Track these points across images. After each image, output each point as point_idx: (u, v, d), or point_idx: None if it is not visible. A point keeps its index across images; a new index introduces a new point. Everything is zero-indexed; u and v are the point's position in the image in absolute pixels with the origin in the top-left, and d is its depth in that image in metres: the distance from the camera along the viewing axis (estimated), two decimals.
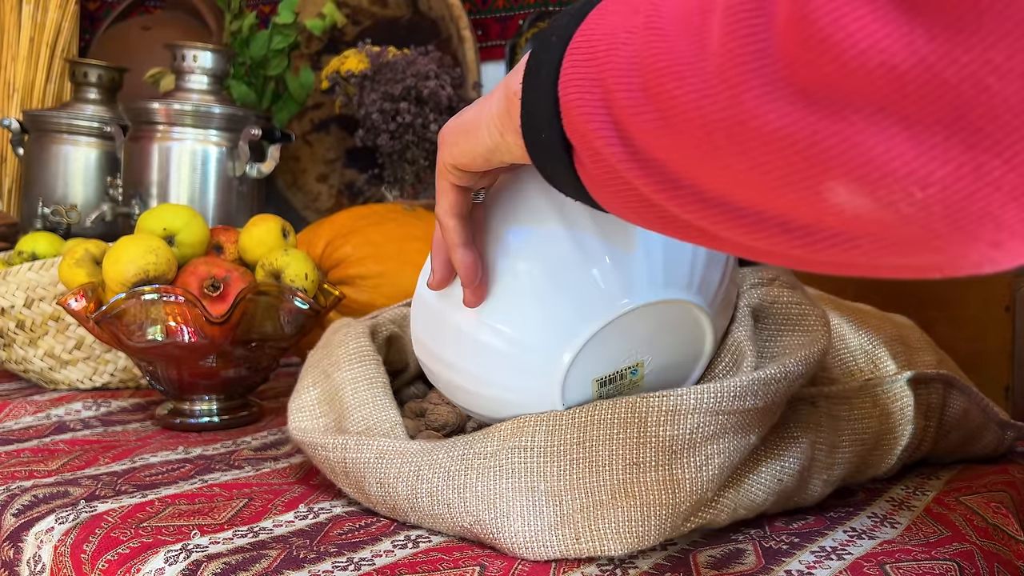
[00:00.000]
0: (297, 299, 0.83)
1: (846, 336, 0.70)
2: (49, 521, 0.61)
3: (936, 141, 0.24)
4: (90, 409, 0.91)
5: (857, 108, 0.24)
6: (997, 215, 0.24)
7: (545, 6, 1.46)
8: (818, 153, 0.26)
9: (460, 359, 0.57)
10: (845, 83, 0.24)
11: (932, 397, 0.68)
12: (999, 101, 0.22)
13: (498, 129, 0.45)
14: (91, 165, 1.48)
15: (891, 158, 0.24)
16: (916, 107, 0.23)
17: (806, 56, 0.25)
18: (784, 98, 0.26)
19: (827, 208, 0.27)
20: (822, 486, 0.61)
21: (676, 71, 0.30)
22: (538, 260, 0.53)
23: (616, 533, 0.52)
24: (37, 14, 1.65)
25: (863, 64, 0.23)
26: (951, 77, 0.23)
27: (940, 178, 0.24)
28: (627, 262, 0.53)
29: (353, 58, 1.39)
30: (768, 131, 0.27)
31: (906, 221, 0.26)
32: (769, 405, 0.54)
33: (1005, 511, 0.63)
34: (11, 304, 0.97)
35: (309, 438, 0.63)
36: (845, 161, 0.25)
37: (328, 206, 1.62)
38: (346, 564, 0.54)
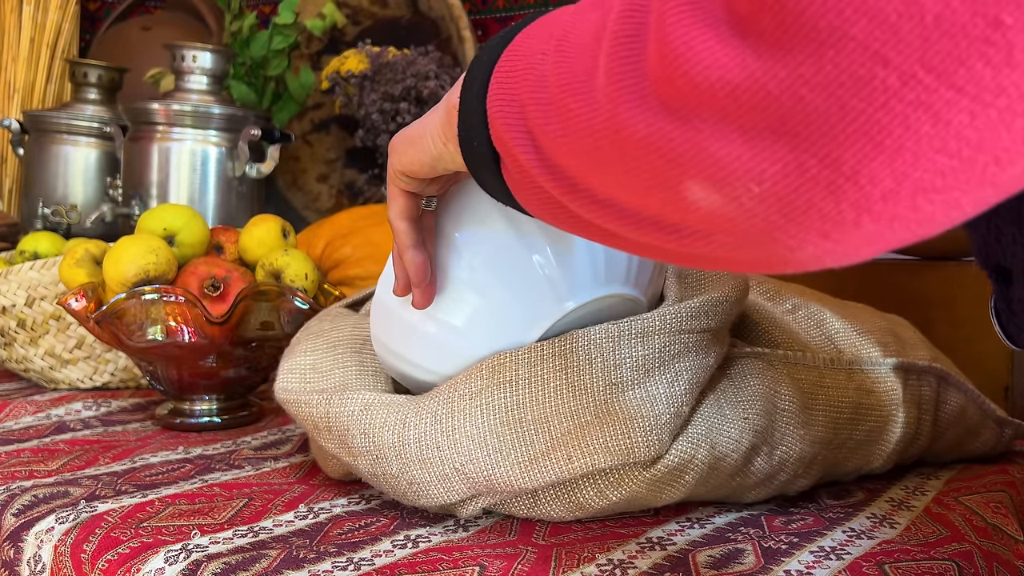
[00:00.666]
0: (297, 299, 0.83)
1: (826, 321, 0.71)
2: (49, 521, 0.61)
3: (766, 144, 0.28)
4: (90, 409, 0.91)
5: (703, 117, 0.29)
6: (820, 206, 0.28)
7: (545, 6, 1.46)
8: (675, 157, 0.30)
9: (418, 355, 0.61)
10: (693, 96, 0.28)
11: (925, 389, 0.68)
12: (811, 109, 0.26)
13: (440, 139, 0.50)
14: (91, 165, 1.48)
15: (732, 159, 0.29)
16: (748, 115, 0.28)
17: (665, 73, 0.29)
18: (650, 110, 0.31)
19: (687, 206, 0.31)
20: (801, 442, 0.62)
21: (573, 88, 0.35)
22: (488, 261, 0.57)
23: (605, 448, 0.55)
24: (37, 15, 1.65)
25: (706, 79, 0.28)
26: (773, 89, 0.27)
27: (771, 175, 0.28)
28: (571, 262, 0.57)
29: (353, 58, 1.39)
30: (637, 139, 0.31)
31: (749, 214, 0.30)
32: (719, 327, 0.60)
33: (1004, 511, 0.63)
34: (12, 303, 0.97)
35: (293, 396, 0.64)
36: (696, 163, 0.29)
37: (328, 206, 1.62)
38: (346, 564, 0.54)
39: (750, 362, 0.63)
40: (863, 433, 0.66)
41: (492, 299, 0.58)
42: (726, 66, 0.27)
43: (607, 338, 0.57)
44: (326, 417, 0.61)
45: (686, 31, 0.28)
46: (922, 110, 0.25)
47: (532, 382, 0.57)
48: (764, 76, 0.27)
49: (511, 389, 0.57)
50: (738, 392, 0.61)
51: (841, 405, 0.65)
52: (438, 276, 0.58)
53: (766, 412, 0.61)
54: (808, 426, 0.63)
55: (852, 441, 0.65)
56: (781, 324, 0.69)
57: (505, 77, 0.42)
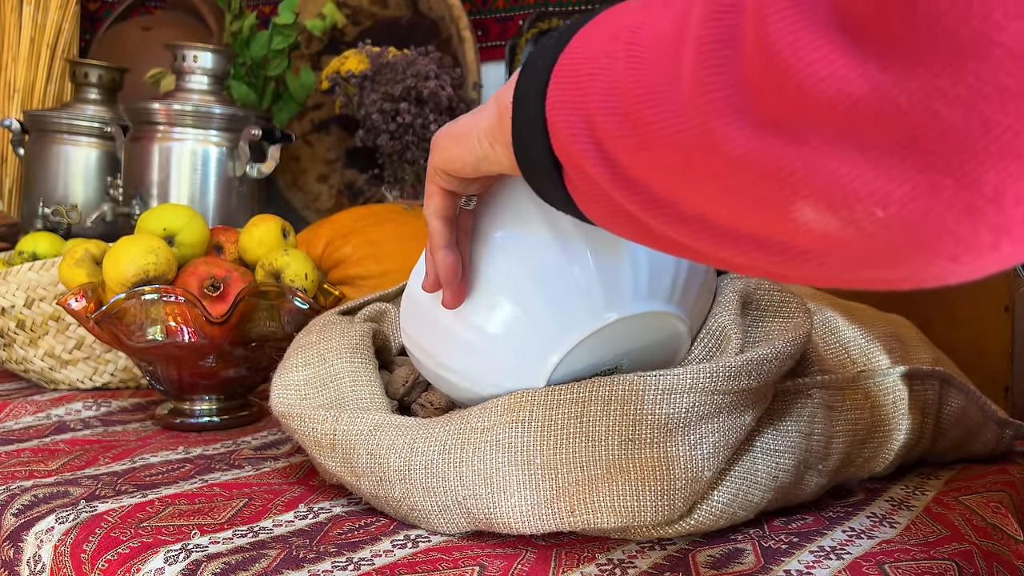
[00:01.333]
0: (297, 299, 0.83)
1: (840, 329, 0.71)
2: (49, 521, 0.61)
3: (893, 163, 0.25)
4: (90, 409, 0.91)
5: (818, 133, 0.26)
6: (953, 230, 0.26)
7: (545, 6, 1.46)
8: (784, 176, 0.27)
9: (447, 357, 0.59)
10: (806, 110, 0.26)
11: (928, 394, 0.68)
12: (948, 125, 0.24)
13: (488, 140, 0.47)
14: (91, 165, 1.48)
15: (852, 179, 0.26)
16: (873, 132, 0.25)
17: (770, 85, 0.27)
18: (751, 125, 0.28)
19: (796, 227, 0.29)
20: (817, 477, 0.62)
21: (652, 99, 0.32)
22: (527, 266, 0.55)
23: (610, 508, 0.53)
24: (38, 15, 1.65)
25: (822, 92, 0.25)
26: (903, 103, 0.24)
27: (898, 198, 0.26)
28: (613, 273, 0.55)
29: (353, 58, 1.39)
30: (737, 156, 0.28)
31: (870, 239, 0.27)
32: (762, 386, 0.56)
33: (1004, 511, 0.63)
34: (11, 304, 0.97)
35: (296, 411, 0.63)
36: (810, 183, 0.27)
37: (328, 206, 1.62)
38: (346, 564, 0.54)
39: (790, 397, 0.60)
40: (872, 449, 0.66)
41: (528, 307, 0.55)
42: (846, 77, 0.25)
43: (629, 390, 0.54)
44: (332, 435, 0.60)
45: (794, 36, 0.26)
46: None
47: (545, 425, 0.54)
48: (892, 89, 0.24)
49: (523, 429, 0.55)
50: (775, 440, 0.58)
51: (858, 427, 0.64)
52: (473, 278, 0.56)
53: (796, 465, 0.59)
54: (828, 457, 0.62)
55: (861, 458, 0.65)
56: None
57: (567, 83, 0.39)
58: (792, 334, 0.59)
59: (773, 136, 0.27)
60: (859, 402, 0.64)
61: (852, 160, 0.26)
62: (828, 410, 0.62)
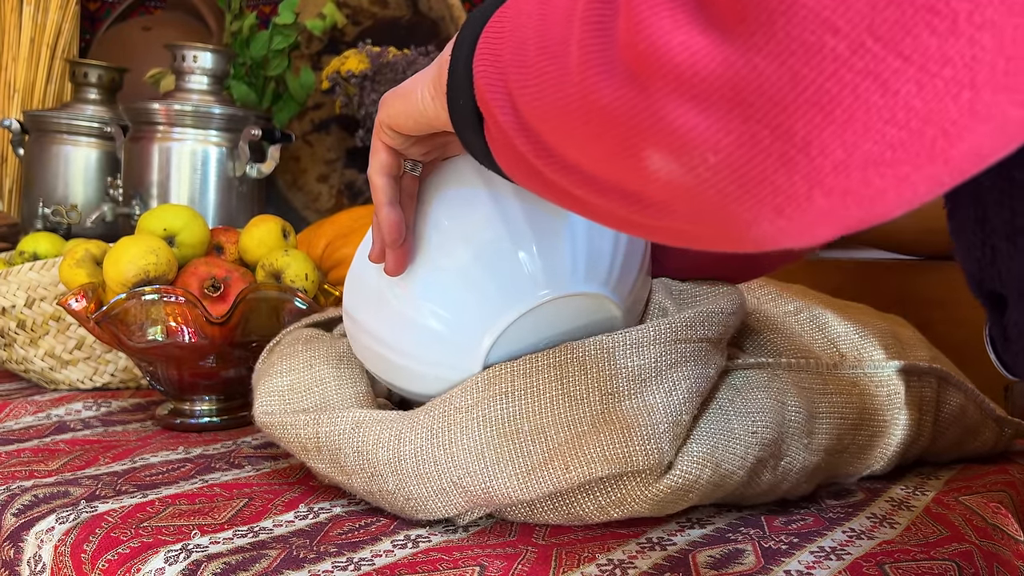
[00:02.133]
0: (297, 299, 0.83)
1: (829, 324, 0.71)
2: (49, 521, 0.61)
3: (721, 114, 0.28)
4: (90, 409, 0.91)
5: (663, 85, 0.29)
6: (772, 179, 0.28)
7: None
8: (636, 124, 0.30)
9: (387, 332, 0.60)
10: (654, 63, 0.29)
11: (925, 391, 0.68)
12: (764, 78, 0.26)
13: (430, 94, 0.49)
14: (91, 165, 1.48)
15: (689, 128, 0.29)
16: (706, 84, 0.28)
17: (630, 40, 0.30)
18: (616, 77, 0.31)
19: (648, 175, 0.31)
20: (805, 453, 0.62)
21: (550, 51, 0.36)
22: (468, 240, 0.57)
23: (603, 457, 0.54)
24: (37, 15, 1.65)
25: (666, 45, 0.28)
26: (729, 57, 0.27)
27: (726, 146, 0.28)
28: (552, 252, 0.57)
29: (353, 58, 1.39)
30: (602, 105, 0.32)
31: (705, 184, 0.30)
32: (717, 337, 0.59)
33: (1005, 511, 0.63)
34: (12, 304, 0.97)
35: (277, 419, 0.63)
36: (656, 131, 0.30)
37: (328, 206, 1.62)
38: (346, 564, 0.54)
39: (755, 374, 0.62)
40: (865, 438, 0.66)
41: (468, 281, 0.57)
42: (688, 34, 0.28)
43: (601, 349, 0.56)
44: (315, 437, 0.60)
45: (651, 4, 0.29)
46: (871, 79, 0.25)
47: (528, 393, 0.56)
48: (721, 45, 0.27)
49: (507, 401, 0.56)
50: (746, 404, 0.60)
51: (845, 411, 0.64)
52: (415, 250, 0.58)
53: (774, 425, 0.60)
54: (813, 435, 0.62)
55: (855, 446, 0.65)
56: (784, 330, 0.69)
57: (492, 37, 0.42)
58: (730, 296, 0.63)
59: (629, 88, 0.30)
60: (845, 387, 0.65)
61: (689, 111, 0.28)
62: (801, 390, 0.63)
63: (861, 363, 0.67)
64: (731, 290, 0.64)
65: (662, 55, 0.28)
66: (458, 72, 0.45)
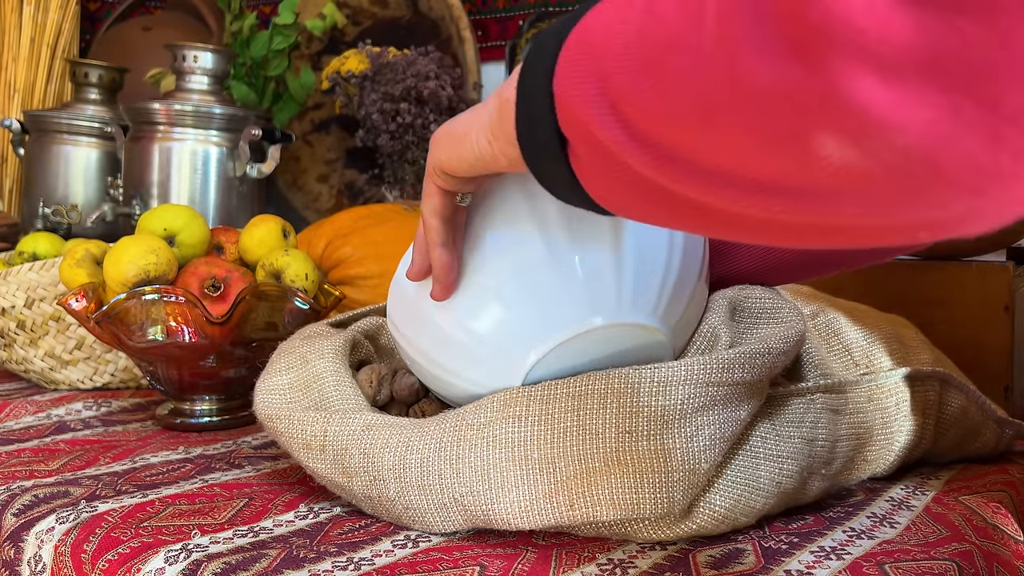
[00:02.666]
0: (297, 299, 0.83)
1: (843, 331, 0.70)
2: (50, 521, 0.61)
3: (914, 86, 0.24)
4: (90, 409, 0.91)
5: (840, 59, 0.25)
6: (975, 156, 0.25)
7: (545, 6, 1.46)
8: (804, 105, 0.27)
9: (430, 348, 0.60)
10: (828, 33, 0.25)
11: (929, 395, 0.68)
12: (968, 43, 0.23)
13: (487, 137, 0.47)
14: (92, 165, 1.48)
15: (872, 105, 0.25)
16: (894, 54, 0.24)
17: (794, 9, 0.26)
18: (774, 54, 0.27)
19: (817, 162, 0.28)
20: (820, 481, 0.62)
21: (674, 43, 0.31)
22: (515, 265, 0.56)
23: (610, 500, 0.53)
24: (38, 15, 1.65)
25: (845, 10, 0.24)
26: (926, 22, 0.23)
27: (918, 123, 0.25)
28: (599, 280, 0.55)
29: (353, 58, 1.39)
30: (760, 88, 0.28)
31: (890, 169, 0.26)
32: (755, 380, 0.56)
33: (1004, 511, 0.63)
34: (12, 304, 0.97)
35: (284, 413, 0.63)
36: (829, 111, 0.26)
37: (328, 206, 1.62)
38: (346, 564, 0.54)
39: (794, 403, 0.60)
40: (874, 452, 0.66)
41: (512, 306, 0.56)
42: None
43: (625, 384, 0.54)
44: (323, 435, 0.60)
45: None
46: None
47: (542, 420, 0.54)
48: (913, 6, 0.23)
49: (520, 424, 0.54)
50: (777, 446, 0.58)
51: (861, 431, 0.64)
52: (461, 273, 0.56)
53: (799, 471, 0.58)
54: (832, 463, 0.62)
55: (863, 460, 0.65)
56: (811, 339, 0.67)
57: (578, 55, 0.38)
58: (785, 333, 0.59)
59: (794, 64, 0.26)
60: (862, 405, 0.64)
61: (872, 86, 0.25)
62: (832, 414, 0.62)
63: (873, 373, 0.66)
64: (794, 319, 0.61)
65: (841, 22, 0.24)
66: (532, 103, 0.42)
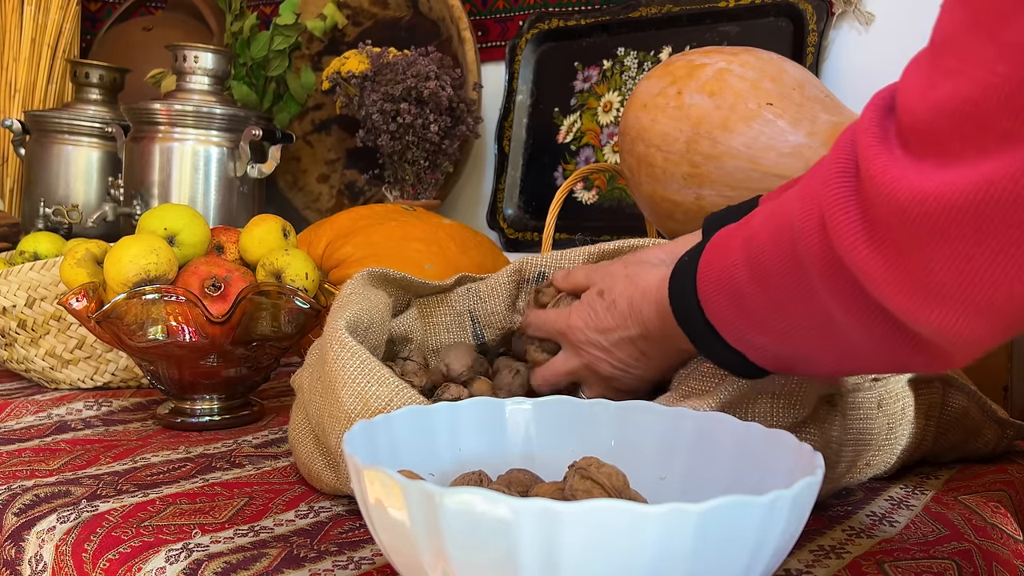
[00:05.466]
0: (298, 299, 0.83)
1: None
2: (51, 520, 0.61)
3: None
4: (91, 408, 0.91)
5: (943, 353, 0.40)
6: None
7: (545, 6, 1.46)
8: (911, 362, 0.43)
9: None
10: (939, 343, 0.38)
11: (932, 396, 0.68)
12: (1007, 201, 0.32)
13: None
14: (92, 165, 1.48)
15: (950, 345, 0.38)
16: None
17: (913, 322, 0.37)
18: (896, 341, 0.41)
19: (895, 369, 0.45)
20: (828, 483, 0.61)
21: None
22: None
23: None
24: (38, 15, 1.66)
25: (956, 336, 0.37)
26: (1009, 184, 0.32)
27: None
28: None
29: (354, 59, 1.39)
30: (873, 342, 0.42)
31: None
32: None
33: (1004, 511, 0.63)
34: (13, 304, 0.97)
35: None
36: (926, 365, 0.42)
37: (329, 206, 1.62)
38: (346, 563, 0.54)
39: (817, 407, 0.60)
40: (878, 456, 0.66)
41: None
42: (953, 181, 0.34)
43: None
44: (363, 396, 0.58)
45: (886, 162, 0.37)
46: None
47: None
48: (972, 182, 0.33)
49: None
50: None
51: (867, 435, 0.64)
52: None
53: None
54: (837, 465, 0.62)
55: (867, 464, 0.65)
56: None
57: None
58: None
59: (907, 344, 0.39)
60: (871, 411, 0.64)
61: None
62: (843, 418, 0.62)
63: (885, 379, 0.66)
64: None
65: (953, 344, 0.37)
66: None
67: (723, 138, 0.88)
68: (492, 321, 0.77)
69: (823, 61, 1.18)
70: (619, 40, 1.37)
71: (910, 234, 0.34)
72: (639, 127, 0.94)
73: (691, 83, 0.91)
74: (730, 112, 0.88)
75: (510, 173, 1.46)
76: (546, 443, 0.54)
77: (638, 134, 0.94)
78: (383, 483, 0.39)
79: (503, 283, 0.76)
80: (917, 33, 0.94)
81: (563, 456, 0.51)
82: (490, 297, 0.77)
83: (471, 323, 0.77)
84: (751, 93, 0.88)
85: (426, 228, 1.13)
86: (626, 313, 0.61)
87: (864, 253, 0.37)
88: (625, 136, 0.97)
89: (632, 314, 0.61)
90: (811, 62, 1.15)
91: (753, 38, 1.21)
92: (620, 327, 0.61)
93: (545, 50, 1.45)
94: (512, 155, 1.46)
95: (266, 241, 0.88)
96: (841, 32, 1.19)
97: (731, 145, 0.87)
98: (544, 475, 0.51)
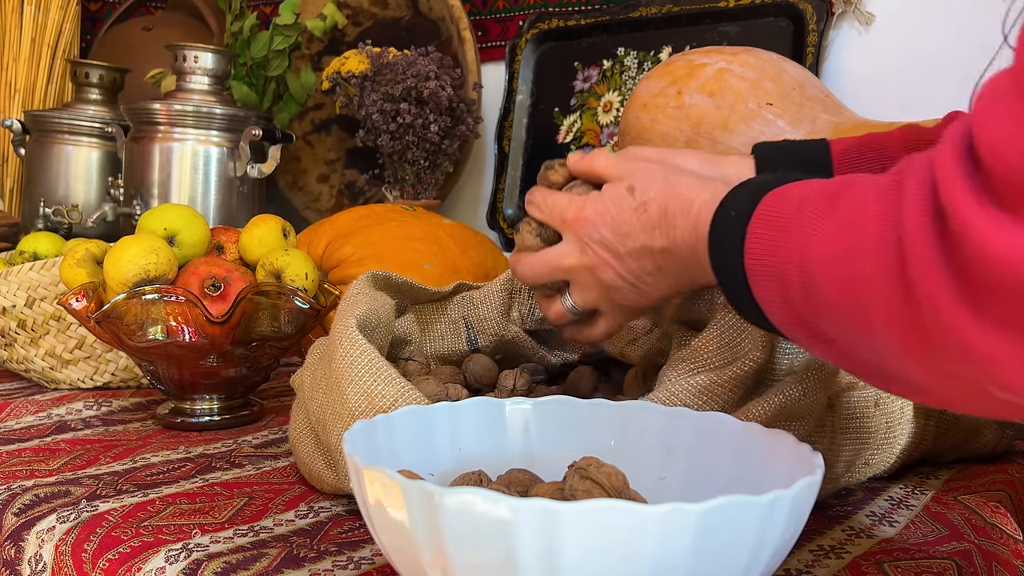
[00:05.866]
0: (297, 299, 0.83)
1: None
2: (50, 520, 0.61)
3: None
4: (91, 408, 0.91)
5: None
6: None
7: (545, 6, 1.46)
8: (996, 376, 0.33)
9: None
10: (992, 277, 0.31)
11: None
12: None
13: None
14: (92, 165, 1.48)
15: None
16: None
17: (965, 258, 0.32)
18: (989, 326, 0.33)
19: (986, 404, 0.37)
20: (827, 484, 0.62)
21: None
22: None
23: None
24: (38, 15, 1.66)
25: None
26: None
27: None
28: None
29: (354, 59, 1.39)
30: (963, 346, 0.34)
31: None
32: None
33: (1003, 511, 0.63)
34: (12, 304, 0.97)
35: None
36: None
37: (329, 206, 1.62)
38: (346, 563, 0.54)
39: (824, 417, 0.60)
40: (877, 455, 0.66)
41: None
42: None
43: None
44: (368, 395, 0.58)
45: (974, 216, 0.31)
46: None
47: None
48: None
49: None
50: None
51: (865, 435, 0.64)
52: None
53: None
54: (835, 465, 0.62)
55: (865, 464, 0.65)
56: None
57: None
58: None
59: (989, 324, 0.32)
60: (868, 411, 0.64)
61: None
62: (842, 419, 0.62)
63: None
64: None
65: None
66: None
67: (723, 138, 0.88)
68: (486, 327, 0.79)
69: (823, 61, 1.18)
70: (619, 40, 1.37)
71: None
72: (639, 127, 0.94)
73: (691, 83, 0.91)
74: (730, 112, 0.88)
75: (510, 173, 1.46)
76: (546, 443, 0.54)
77: (638, 134, 0.94)
78: (383, 483, 0.39)
79: (496, 291, 0.79)
80: (917, 33, 0.95)
81: (563, 456, 0.51)
82: (483, 304, 0.79)
83: (465, 328, 0.79)
84: (751, 93, 0.88)
85: (426, 228, 1.13)
86: (656, 222, 0.53)
87: (974, 333, 0.32)
88: (625, 136, 0.97)
89: (663, 225, 0.53)
90: (811, 62, 1.15)
91: (753, 38, 1.21)
92: (644, 235, 0.54)
93: (545, 50, 1.45)
94: (512, 155, 1.46)
95: (266, 241, 0.88)
96: (841, 32, 1.19)
97: (731, 145, 0.87)
98: (544, 475, 0.51)
